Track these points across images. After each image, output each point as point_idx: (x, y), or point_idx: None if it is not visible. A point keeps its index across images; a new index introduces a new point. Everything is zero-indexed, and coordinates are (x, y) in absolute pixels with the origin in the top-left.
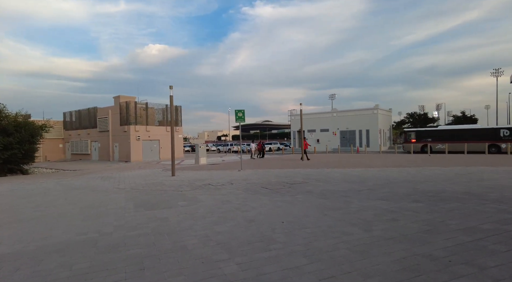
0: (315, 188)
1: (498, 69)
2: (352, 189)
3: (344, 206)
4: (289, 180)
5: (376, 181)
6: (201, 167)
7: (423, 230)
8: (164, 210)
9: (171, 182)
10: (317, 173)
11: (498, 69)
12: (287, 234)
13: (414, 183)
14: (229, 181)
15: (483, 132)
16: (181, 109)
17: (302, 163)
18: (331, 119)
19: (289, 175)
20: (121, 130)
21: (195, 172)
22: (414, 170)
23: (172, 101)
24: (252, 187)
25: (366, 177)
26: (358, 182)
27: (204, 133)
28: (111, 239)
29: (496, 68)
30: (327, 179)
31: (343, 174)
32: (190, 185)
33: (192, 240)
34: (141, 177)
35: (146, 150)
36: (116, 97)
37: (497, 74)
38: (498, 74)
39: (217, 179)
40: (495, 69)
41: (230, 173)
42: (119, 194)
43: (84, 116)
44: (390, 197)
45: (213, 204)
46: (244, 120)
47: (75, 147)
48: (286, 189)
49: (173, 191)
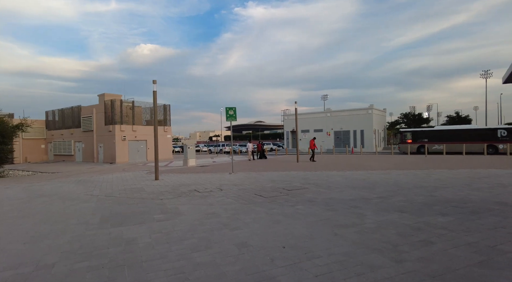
0: (318, 196)
1: (488, 70)
2: (361, 197)
3: (357, 221)
4: (286, 185)
5: (385, 186)
6: (189, 169)
7: (475, 261)
8: (135, 226)
9: (152, 187)
10: (316, 176)
11: (487, 70)
12: (292, 267)
13: (429, 189)
14: (218, 187)
15: (480, 133)
16: (170, 107)
17: (297, 165)
18: (325, 119)
19: (285, 179)
20: (106, 129)
21: (181, 175)
22: (421, 173)
23: (155, 97)
24: (244, 195)
25: (372, 182)
26: (365, 188)
27: (196, 133)
28: (47, 278)
29: (486, 70)
30: (328, 184)
31: (345, 178)
32: (173, 192)
33: (161, 278)
34: (121, 181)
35: (132, 151)
36: (101, 95)
37: (487, 76)
38: (487, 76)
39: (205, 183)
40: (485, 70)
41: (220, 176)
42: (89, 203)
43: (68, 115)
44: (408, 208)
45: (196, 218)
46: (236, 119)
47: (58, 147)
48: (284, 196)
49: (152, 200)
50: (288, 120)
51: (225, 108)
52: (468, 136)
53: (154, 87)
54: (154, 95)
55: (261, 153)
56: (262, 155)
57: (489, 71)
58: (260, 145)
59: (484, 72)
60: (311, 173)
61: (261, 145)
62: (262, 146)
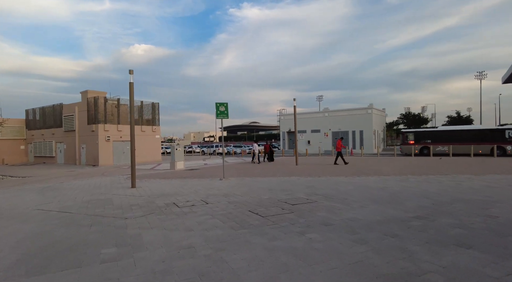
0: (334, 215)
1: (482, 72)
2: (392, 217)
3: (410, 268)
4: (288, 196)
5: (415, 199)
6: (176, 173)
7: None
8: (62, 276)
9: (123, 199)
10: (321, 183)
11: (482, 72)
12: None
13: (477, 205)
14: (204, 198)
15: (487, 133)
16: (159, 106)
17: (297, 168)
18: (322, 119)
19: (285, 187)
20: (88, 129)
21: (164, 181)
22: (446, 179)
23: (132, 89)
24: (236, 212)
25: (394, 192)
26: (391, 203)
27: (190, 134)
28: None
29: (480, 71)
30: (341, 195)
31: (358, 187)
32: (146, 206)
33: None
34: (92, 188)
35: (117, 153)
36: (83, 92)
37: (481, 77)
38: (482, 77)
39: (189, 193)
40: (479, 72)
41: (208, 183)
42: (27, 224)
43: (49, 114)
44: (471, 240)
45: (161, 258)
46: (227, 116)
47: (39, 148)
48: (288, 215)
49: (114, 219)
50: (284, 120)
51: (215, 104)
52: (474, 137)
53: (131, 78)
54: (130, 87)
55: (270, 155)
56: (270, 158)
57: (483, 72)
58: (268, 146)
59: (479, 73)
60: (315, 180)
61: (269, 146)
62: (270, 147)
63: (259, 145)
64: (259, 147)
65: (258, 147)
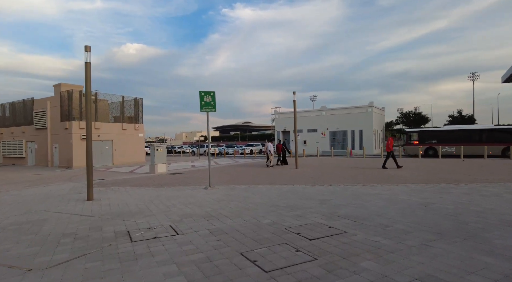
0: (385, 266)
1: (475, 73)
2: (490, 271)
3: None
4: (299, 221)
5: (489, 226)
6: (154, 179)
7: None
8: None
9: (63, 220)
10: (338, 195)
11: (474, 73)
12: None
13: None
14: (176, 222)
15: (497, 133)
16: (142, 102)
17: (298, 172)
18: (319, 118)
19: (291, 202)
20: (61, 127)
21: (135, 190)
22: (501, 190)
23: (89, 69)
24: (219, 256)
25: (450, 214)
26: (463, 236)
27: (182, 134)
28: None
29: (473, 72)
30: (374, 217)
31: (390, 202)
32: (83, 238)
33: None
34: (35, 201)
35: (94, 153)
36: (56, 85)
37: (474, 78)
38: (475, 78)
39: (158, 212)
40: (472, 73)
41: (189, 194)
42: None
43: (19, 110)
44: None
45: None
46: (215, 109)
47: (8, 148)
48: (308, 267)
49: (8, 271)
50: (279, 119)
51: (199, 93)
52: (483, 137)
53: (88, 57)
54: (86, 67)
55: (283, 157)
56: (284, 160)
57: (476, 73)
58: (281, 146)
59: (472, 74)
60: (327, 189)
61: (282, 146)
62: (283, 147)
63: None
64: (272, 145)
65: (273, 148)
